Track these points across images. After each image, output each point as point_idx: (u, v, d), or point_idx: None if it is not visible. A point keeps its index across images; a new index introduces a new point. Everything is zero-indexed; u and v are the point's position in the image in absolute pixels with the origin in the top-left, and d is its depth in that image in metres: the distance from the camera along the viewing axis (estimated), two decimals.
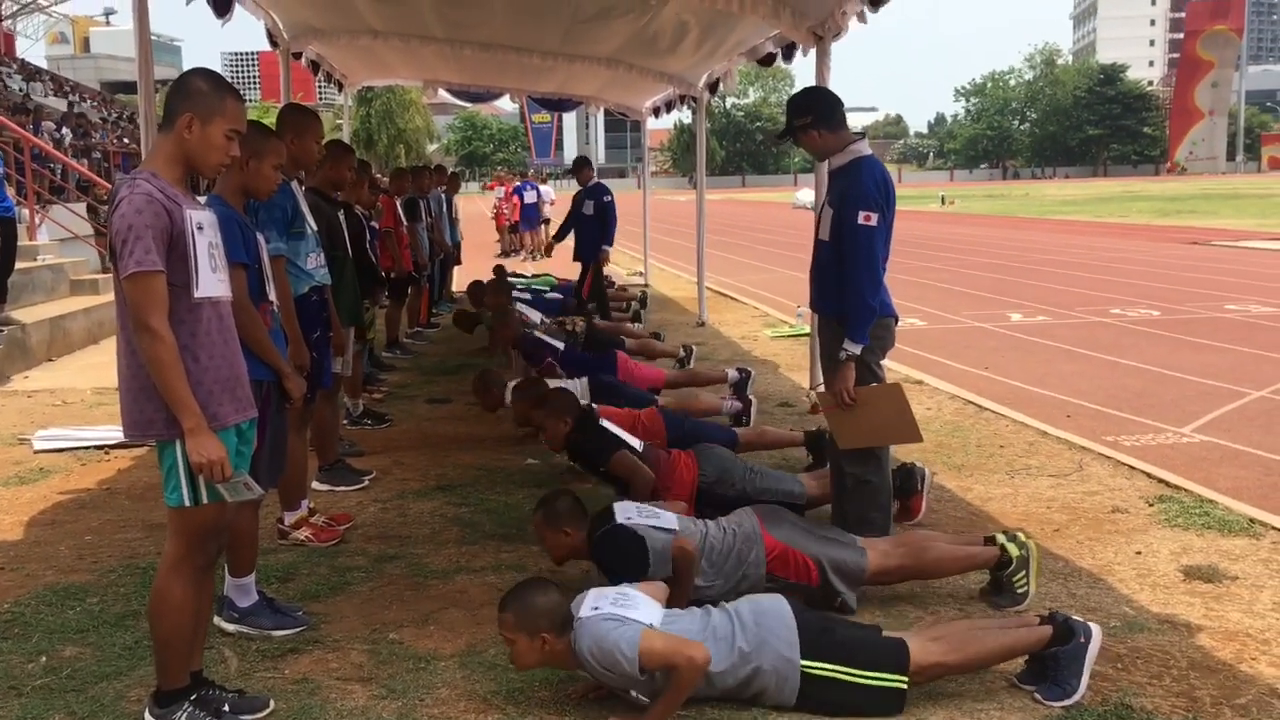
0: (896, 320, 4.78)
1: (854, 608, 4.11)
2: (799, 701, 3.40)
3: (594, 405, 6.05)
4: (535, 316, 9.90)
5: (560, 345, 8.27)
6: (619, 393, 6.99)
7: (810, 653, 3.40)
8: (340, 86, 13.60)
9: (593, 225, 12.02)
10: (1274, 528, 5.06)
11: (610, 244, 12.24)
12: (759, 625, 3.44)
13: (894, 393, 4.62)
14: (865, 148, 4.64)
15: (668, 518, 4.25)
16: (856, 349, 4.50)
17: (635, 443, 5.31)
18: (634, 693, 3.34)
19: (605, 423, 5.49)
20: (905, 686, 3.39)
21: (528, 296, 11.59)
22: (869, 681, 3.38)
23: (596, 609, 3.41)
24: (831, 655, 3.40)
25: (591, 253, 12.04)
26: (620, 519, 4.19)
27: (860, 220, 4.42)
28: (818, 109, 4.68)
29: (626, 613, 3.38)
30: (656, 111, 14.70)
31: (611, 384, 7.27)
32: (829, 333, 4.71)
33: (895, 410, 4.56)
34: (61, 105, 27.40)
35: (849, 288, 4.49)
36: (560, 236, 12.94)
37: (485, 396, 7.26)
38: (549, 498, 4.33)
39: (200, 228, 3.11)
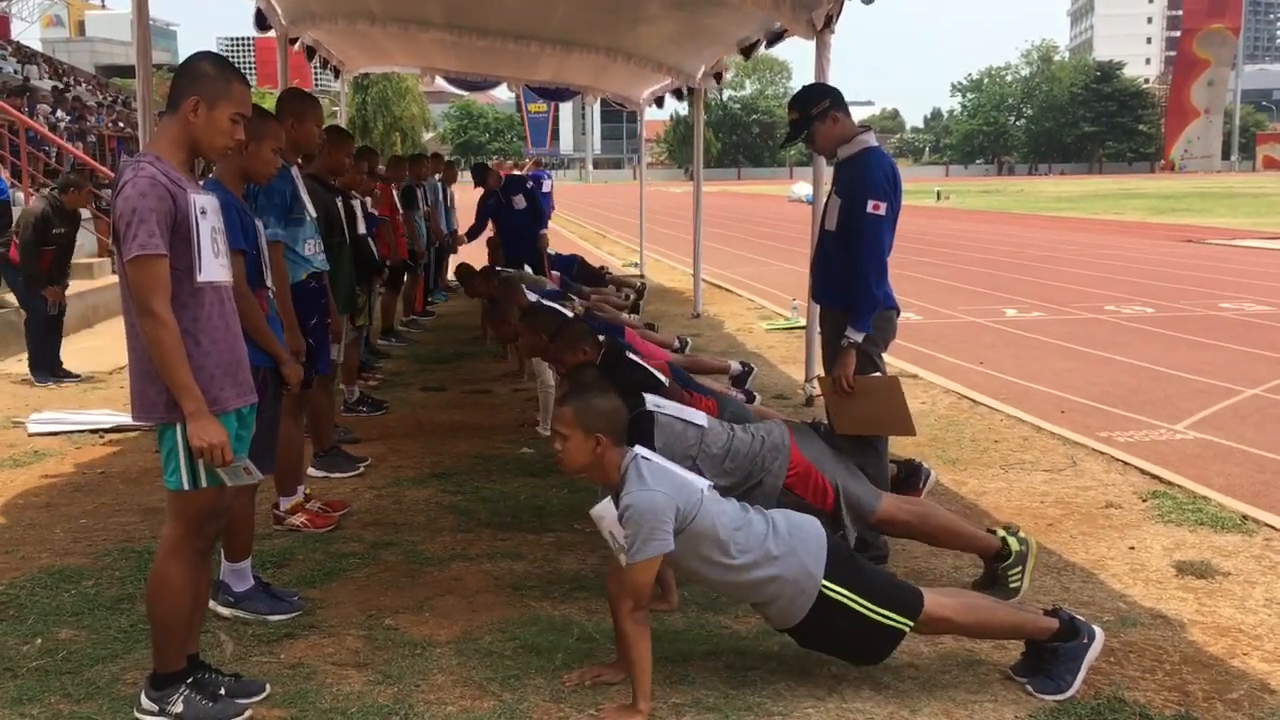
0: (898, 313, 4.79)
1: (852, 543, 4.11)
2: (801, 623, 3.42)
3: (617, 341, 5.96)
4: (533, 297, 9.83)
5: (569, 314, 8.22)
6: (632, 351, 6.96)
7: (833, 576, 3.41)
8: (337, 73, 13.57)
9: (524, 219, 11.58)
10: (1266, 524, 5.09)
11: (544, 227, 12.02)
12: (791, 535, 3.46)
13: (891, 386, 4.65)
14: (872, 139, 4.65)
15: (697, 414, 4.32)
16: (858, 337, 4.53)
17: (661, 377, 5.27)
18: (612, 543, 3.39)
19: (632, 355, 5.45)
20: (907, 630, 3.42)
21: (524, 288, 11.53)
22: (877, 617, 3.40)
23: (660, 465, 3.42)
24: (852, 584, 3.42)
25: (529, 247, 11.54)
26: (650, 405, 4.23)
27: (869, 209, 4.44)
28: (832, 93, 4.71)
29: (685, 485, 3.39)
30: (660, 101, 14.66)
31: (624, 344, 7.22)
32: (831, 324, 4.74)
33: (891, 402, 4.59)
34: (69, 87, 27.26)
35: (856, 276, 4.51)
36: (473, 236, 12.37)
37: (500, 326, 7.21)
38: (576, 386, 4.21)
39: (204, 212, 3.11)
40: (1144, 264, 18.31)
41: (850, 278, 4.54)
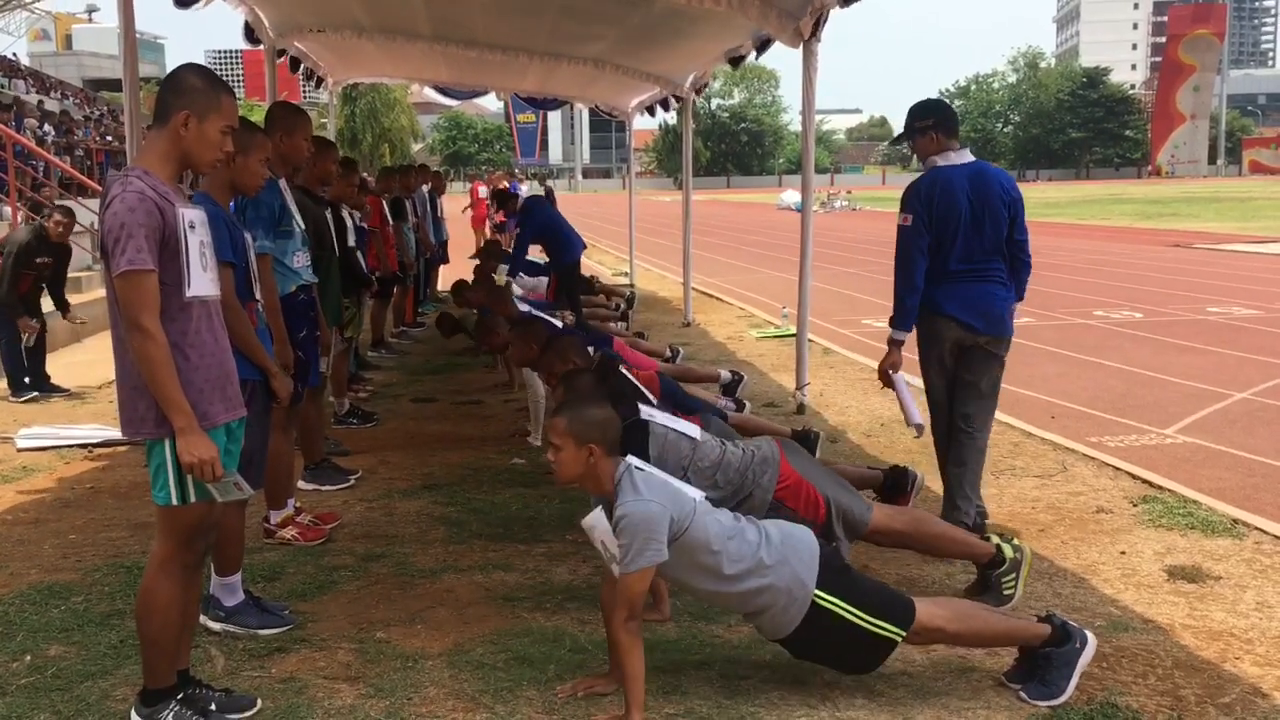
0: (958, 322, 4.91)
1: (846, 556, 4.11)
2: (793, 633, 3.42)
3: (610, 354, 5.99)
4: (525, 308, 9.81)
5: (559, 324, 8.23)
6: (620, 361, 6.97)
7: (825, 585, 3.42)
8: (319, 82, 13.55)
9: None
10: (1257, 528, 5.10)
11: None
12: (784, 545, 3.46)
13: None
14: (943, 159, 4.94)
15: (690, 426, 4.34)
16: (899, 336, 5.03)
17: (651, 396, 5.30)
18: (605, 553, 3.40)
19: (624, 371, 5.46)
20: (899, 640, 3.43)
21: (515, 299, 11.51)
22: (869, 626, 3.40)
23: (653, 476, 3.44)
24: (844, 593, 3.42)
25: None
26: (644, 414, 4.25)
27: (900, 221, 4.91)
28: (939, 114, 5.04)
29: (679, 495, 3.41)
30: (651, 109, 14.68)
31: (614, 356, 7.23)
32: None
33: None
34: (44, 102, 27.21)
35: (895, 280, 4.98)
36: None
37: (489, 336, 7.20)
38: (571, 396, 4.20)
39: (192, 226, 3.10)
40: (1132, 269, 18.38)
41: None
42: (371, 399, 8.52)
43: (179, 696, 3.26)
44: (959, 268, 4.86)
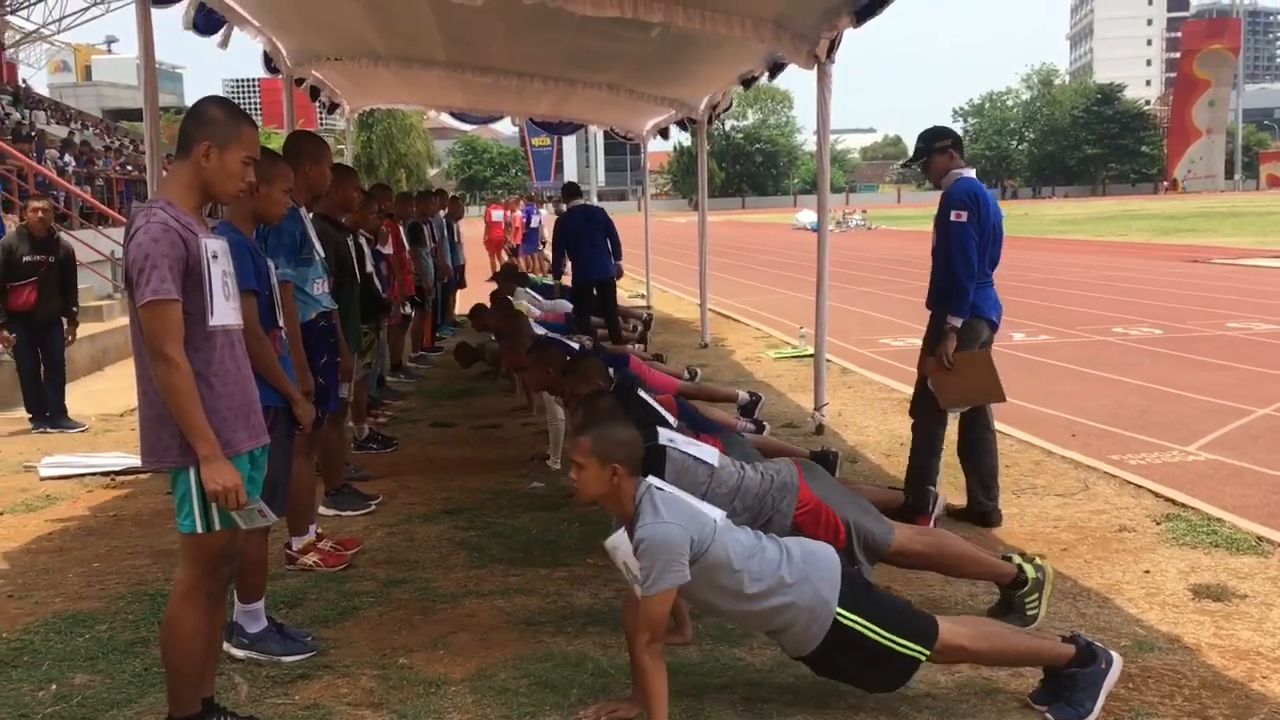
0: (991, 327, 5.63)
1: (869, 579, 4.10)
2: (816, 650, 3.41)
3: (628, 376, 6.00)
4: (542, 331, 9.83)
5: (576, 346, 8.25)
6: (639, 384, 6.96)
7: (847, 604, 3.41)
8: (333, 108, 13.66)
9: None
10: None
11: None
12: (805, 563, 3.46)
13: (984, 358, 5.53)
14: (968, 172, 5.62)
15: (709, 451, 4.32)
16: (957, 322, 5.42)
17: (669, 417, 5.30)
18: (627, 575, 3.41)
19: (643, 393, 5.46)
20: (923, 659, 3.41)
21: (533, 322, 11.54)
22: (893, 645, 3.39)
23: (674, 497, 3.45)
24: (867, 612, 3.42)
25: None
26: (663, 439, 4.24)
27: (953, 218, 5.42)
28: (953, 136, 5.69)
29: (699, 516, 3.42)
30: (664, 132, 14.75)
31: (633, 376, 7.22)
32: (933, 324, 5.63)
33: (985, 373, 5.48)
34: (64, 133, 27.51)
35: (949, 272, 5.42)
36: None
37: (511, 357, 7.20)
38: (595, 416, 4.26)
39: (215, 256, 3.13)
40: (1150, 285, 18.31)
41: (946, 281, 5.45)
42: (391, 424, 8.55)
43: None
44: (987, 272, 5.52)
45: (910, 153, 5.92)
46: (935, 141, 5.62)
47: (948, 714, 3.51)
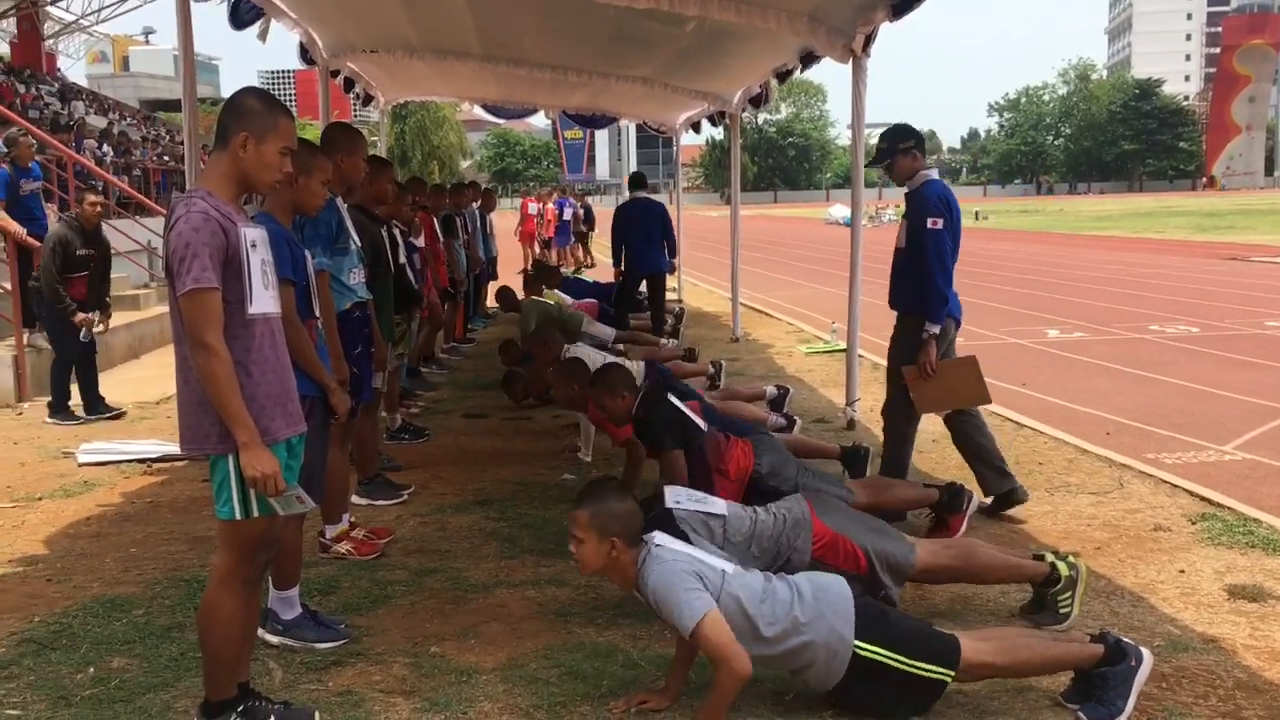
0: (957, 324, 5.74)
1: (897, 601, 4.10)
2: (840, 683, 3.41)
3: (661, 371, 6.03)
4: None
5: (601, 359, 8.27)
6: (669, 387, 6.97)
7: (864, 635, 3.40)
8: (368, 100, 13.73)
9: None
10: None
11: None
12: (817, 600, 3.45)
13: (970, 363, 5.64)
14: (933, 173, 5.67)
15: (717, 503, 4.30)
16: (935, 329, 5.49)
17: (700, 422, 5.31)
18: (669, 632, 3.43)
19: (672, 398, 5.47)
20: (949, 681, 3.40)
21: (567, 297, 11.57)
22: (916, 671, 3.38)
23: (671, 548, 3.47)
24: (885, 640, 3.41)
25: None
26: (669, 502, 4.22)
27: (929, 225, 5.45)
28: (917, 136, 5.74)
29: (703, 563, 3.42)
30: (697, 126, 14.73)
31: (666, 372, 7.23)
32: (904, 325, 5.68)
33: (968, 377, 5.60)
34: (102, 123, 27.79)
35: (925, 280, 5.45)
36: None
37: (543, 348, 7.20)
38: (593, 489, 4.30)
39: (254, 245, 3.16)
40: (1188, 283, 18.11)
41: (920, 284, 5.49)
42: (422, 414, 8.60)
43: (240, 709, 3.31)
44: (953, 273, 5.56)
45: (878, 154, 5.80)
46: (899, 142, 5.64)
47: (979, 711, 3.50)
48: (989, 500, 5.67)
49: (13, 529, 5.76)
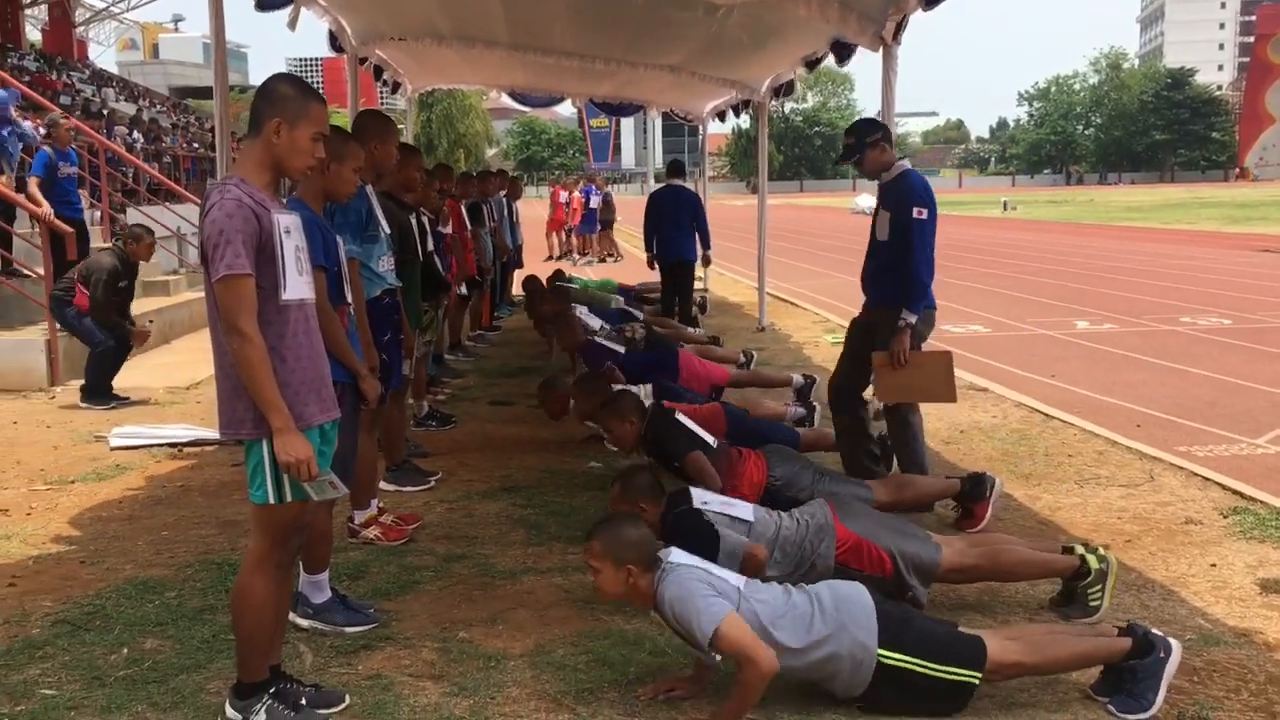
0: (933, 312, 5.71)
1: (924, 602, 4.09)
2: (867, 690, 3.41)
3: (664, 403, 6.04)
4: (595, 323, 9.88)
5: (621, 350, 8.29)
6: (680, 398, 6.98)
7: (888, 642, 3.39)
8: (395, 87, 13.74)
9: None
10: None
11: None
12: (838, 610, 3.44)
13: (943, 358, 5.65)
14: (906, 163, 5.73)
15: (743, 508, 4.30)
16: (913, 318, 5.49)
17: (709, 439, 5.32)
18: (703, 655, 3.42)
19: (680, 417, 5.49)
20: (977, 682, 3.39)
21: (585, 310, 11.55)
22: (943, 675, 3.37)
23: (685, 563, 3.46)
24: (909, 647, 3.40)
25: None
26: (697, 503, 4.23)
27: (915, 215, 5.46)
28: (883, 129, 5.79)
29: (715, 579, 3.42)
30: (721, 115, 14.69)
31: (674, 389, 7.27)
32: (882, 316, 5.64)
33: (939, 373, 5.57)
34: (132, 110, 27.99)
35: (908, 270, 5.46)
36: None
37: (550, 404, 7.20)
38: (626, 474, 4.39)
39: (287, 231, 3.18)
40: (1220, 274, 17.93)
41: (902, 275, 5.50)
42: (449, 401, 8.63)
43: (272, 691, 3.34)
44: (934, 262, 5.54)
45: (846, 150, 5.81)
46: (866, 136, 5.67)
47: (1008, 704, 3.49)
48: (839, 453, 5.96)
49: (46, 511, 5.83)
